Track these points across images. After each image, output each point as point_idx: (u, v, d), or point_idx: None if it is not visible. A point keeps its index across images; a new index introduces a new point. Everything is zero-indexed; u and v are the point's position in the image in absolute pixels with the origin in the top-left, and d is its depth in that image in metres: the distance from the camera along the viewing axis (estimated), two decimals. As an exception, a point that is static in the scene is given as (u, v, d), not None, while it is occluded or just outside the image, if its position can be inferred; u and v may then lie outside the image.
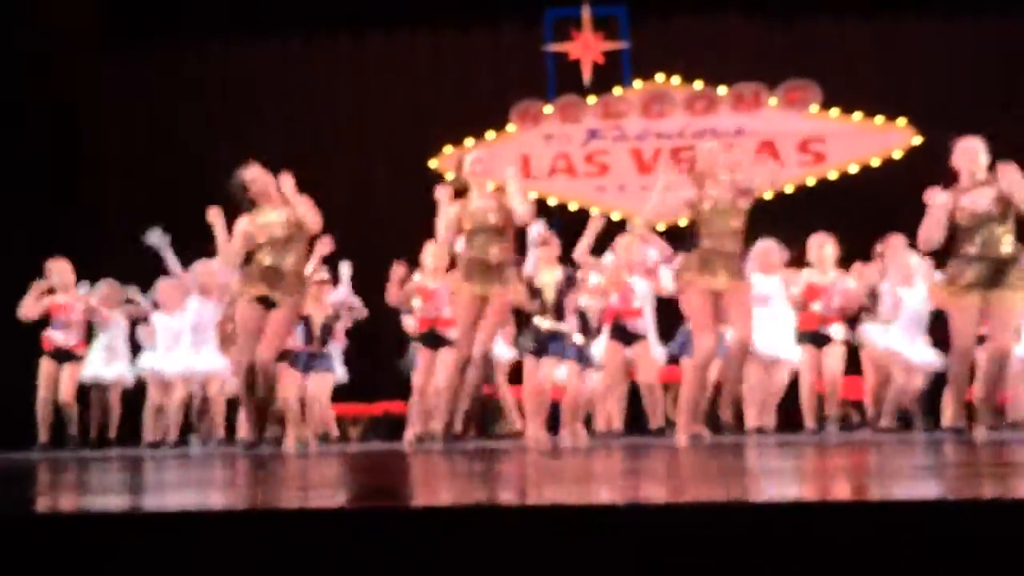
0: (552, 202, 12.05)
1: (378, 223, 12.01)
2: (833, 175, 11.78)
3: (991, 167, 6.39)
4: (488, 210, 7.10)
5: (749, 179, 6.84)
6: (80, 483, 3.10)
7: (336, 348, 9.47)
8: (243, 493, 2.49)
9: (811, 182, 11.90)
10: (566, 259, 8.39)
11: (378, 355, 10.21)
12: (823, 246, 8.60)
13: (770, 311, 8.27)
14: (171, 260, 9.12)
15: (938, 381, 8.76)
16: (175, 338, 9.28)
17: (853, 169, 11.80)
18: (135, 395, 9.84)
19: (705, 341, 6.56)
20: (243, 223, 6.79)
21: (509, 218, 7.09)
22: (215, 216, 6.85)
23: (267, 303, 6.67)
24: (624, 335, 8.47)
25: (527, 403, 8.13)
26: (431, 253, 8.73)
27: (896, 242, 8.35)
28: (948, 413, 7.65)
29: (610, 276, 8.52)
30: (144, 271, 9.69)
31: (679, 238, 10.01)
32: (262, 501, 2.14)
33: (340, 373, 9.54)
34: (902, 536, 1.64)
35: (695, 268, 6.62)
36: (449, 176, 12.15)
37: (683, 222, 9.38)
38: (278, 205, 6.77)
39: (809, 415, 8.52)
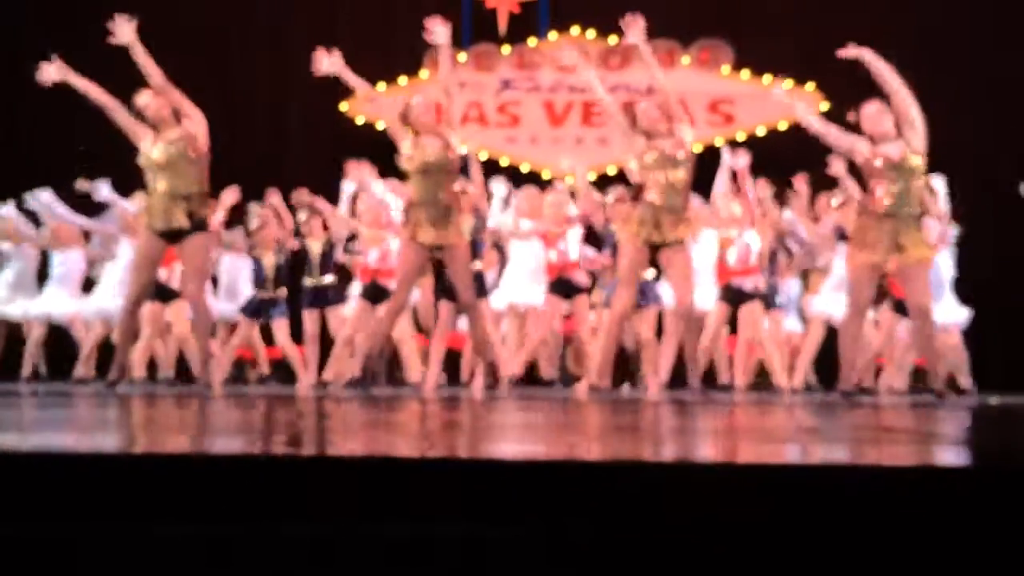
0: (462, 151, 11.99)
1: (290, 165, 11.89)
2: (741, 136, 11.91)
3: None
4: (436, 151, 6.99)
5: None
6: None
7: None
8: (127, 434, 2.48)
9: (719, 143, 12.02)
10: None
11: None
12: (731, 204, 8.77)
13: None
14: (122, 204, 8.89)
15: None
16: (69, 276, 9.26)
17: (761, 131, 11.95)
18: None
19: (625, 295, 6.70)
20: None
21: (457, 161, 7.03)
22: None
23: (172, 236, 6.56)
24: (566, 288, 8.58)
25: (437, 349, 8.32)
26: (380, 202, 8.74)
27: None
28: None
29: (546, 233, 8.64)
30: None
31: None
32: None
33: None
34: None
35: (636, 222, 6.73)
36: (359, 120, 12.08)
37: (612, 170, 9.49)
38: (174, 126, 6.64)
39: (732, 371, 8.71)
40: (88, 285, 9.61)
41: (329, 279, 9.16)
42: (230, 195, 7.96)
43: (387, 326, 7.05)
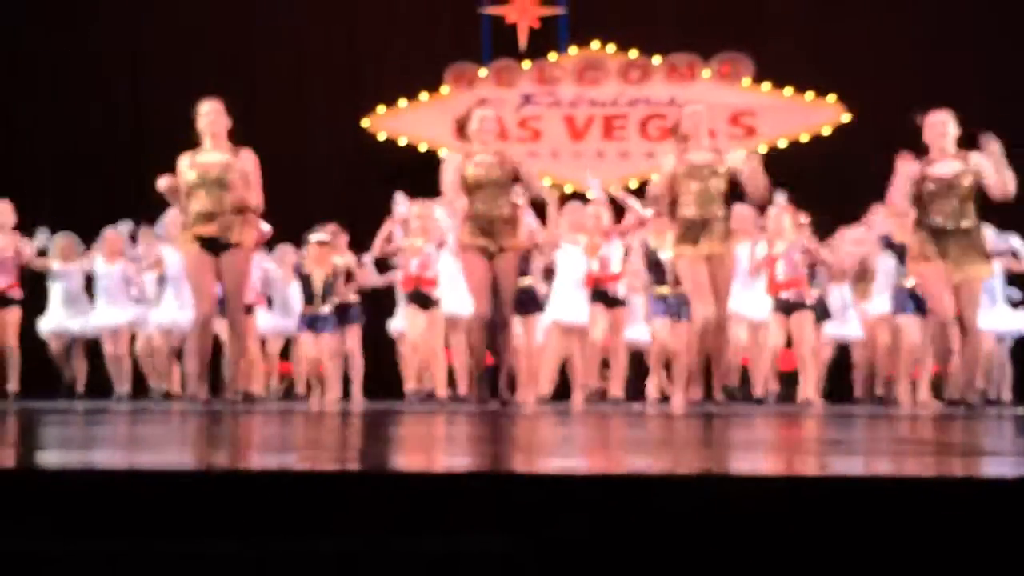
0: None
1: (312, 180, 11.97)
2: (763, 149, 11.89)
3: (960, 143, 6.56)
4: (492, 165, 6.97)
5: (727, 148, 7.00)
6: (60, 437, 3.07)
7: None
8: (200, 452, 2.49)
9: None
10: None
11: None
12: (781, 216, 8.75)
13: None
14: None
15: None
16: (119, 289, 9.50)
17: (782, 144, 11.94)
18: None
19: (701, 309, 6.72)
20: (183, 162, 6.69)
21: (513, 174, 7.01)
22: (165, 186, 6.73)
23: (214, 248, 6.62)
24: (606, 299, 8.64)
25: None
26: (417, 215, 8.83)
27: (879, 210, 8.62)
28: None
29: (587, 244, 8.69)
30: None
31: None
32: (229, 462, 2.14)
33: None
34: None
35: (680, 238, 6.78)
36: (381, 136, 12.12)
37: (633, 183, 9.55)
38: (224, 151, 6.69)
39: (762, 382, 8.69)
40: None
41: (326, 310, 9.42)
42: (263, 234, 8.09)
43: (478, 339, 7.00)
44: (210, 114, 6.70)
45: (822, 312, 8.93)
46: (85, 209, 10.77)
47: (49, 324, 9.65)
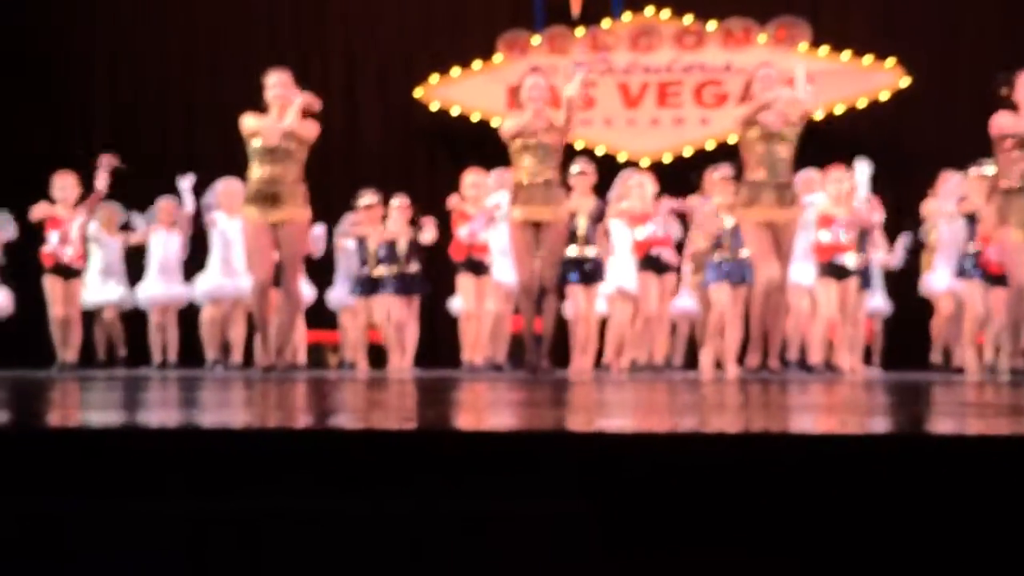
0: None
1: (364, 151, 12.01)
2: (819, 115, 11.71)
3: None
4: (540, 132, 7.01)
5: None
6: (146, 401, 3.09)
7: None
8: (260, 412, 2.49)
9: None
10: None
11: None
12: (841, 180, 8.65)
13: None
14: (189, 203, 9.38)
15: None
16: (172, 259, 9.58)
17: (839, 110, 11.76)
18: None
19: (765, 271, 6.68)
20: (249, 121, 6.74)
21: (561, 139, 7.04)
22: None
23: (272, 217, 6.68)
24: (656, 265, 8.62)
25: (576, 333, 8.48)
26: (471, 183, 8.90)
27: (950, 178, 8.49)
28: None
29: (630, 212, 8.67)
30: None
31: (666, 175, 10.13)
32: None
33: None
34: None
35: (745, 203, 6.75)
36: (434, 106, 12.11)
37: (688, 151, 9.56)
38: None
39: (819, 349, 8.59)
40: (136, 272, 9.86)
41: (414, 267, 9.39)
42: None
43: (526, 307, 7.10)
44: (277, 85, 6.76)
45: (866, 280, 8.83)
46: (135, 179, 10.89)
47: (90, 295, 9.67)
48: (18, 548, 1.65)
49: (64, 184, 9.13)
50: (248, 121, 6.73)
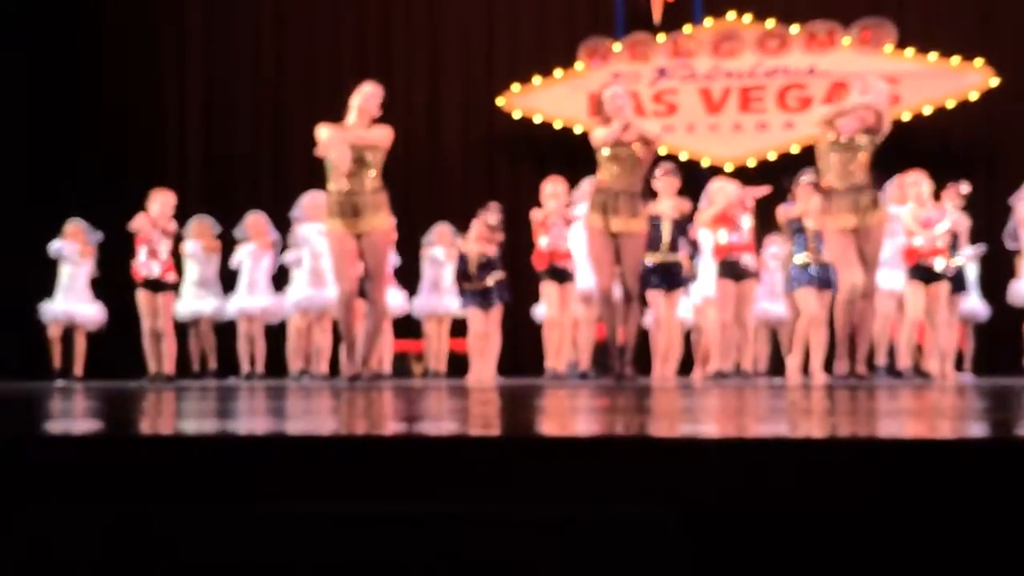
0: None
1: (447, 159, 12.10)
2: (907, 116, 11.54)
3: None
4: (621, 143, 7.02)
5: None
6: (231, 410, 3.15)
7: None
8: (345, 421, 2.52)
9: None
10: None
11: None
12: (920, 183, 8.52)
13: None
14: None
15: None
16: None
17: (928, 111, 11.57)
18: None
19: (848, 277, 6.63)
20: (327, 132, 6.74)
21: (651, 154, 7.09)
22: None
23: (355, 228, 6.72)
24: (735, 271, 8.56)
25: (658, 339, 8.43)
26: (551, 193, 8.91)
27: None
28: None
29: (719, 213, 8.62)
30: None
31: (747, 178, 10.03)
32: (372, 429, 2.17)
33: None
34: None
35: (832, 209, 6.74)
36: (516, 114, 12.15)
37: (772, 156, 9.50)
38: (365, 129, 6.78)
39: (906, 353, 8.46)
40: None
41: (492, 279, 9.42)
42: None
43: (607, 314, 7.11)
44: (367, 94, 6.80)
45: (958, 284, 8.66)
46: (228, 194, 11.10)
47: (184, 307, 9.82)
48: (117, 549, 1.69)
49: (160, 200, 9.34)
50: (321, 133, 6.76)
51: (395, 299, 9.43)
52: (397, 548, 1.64)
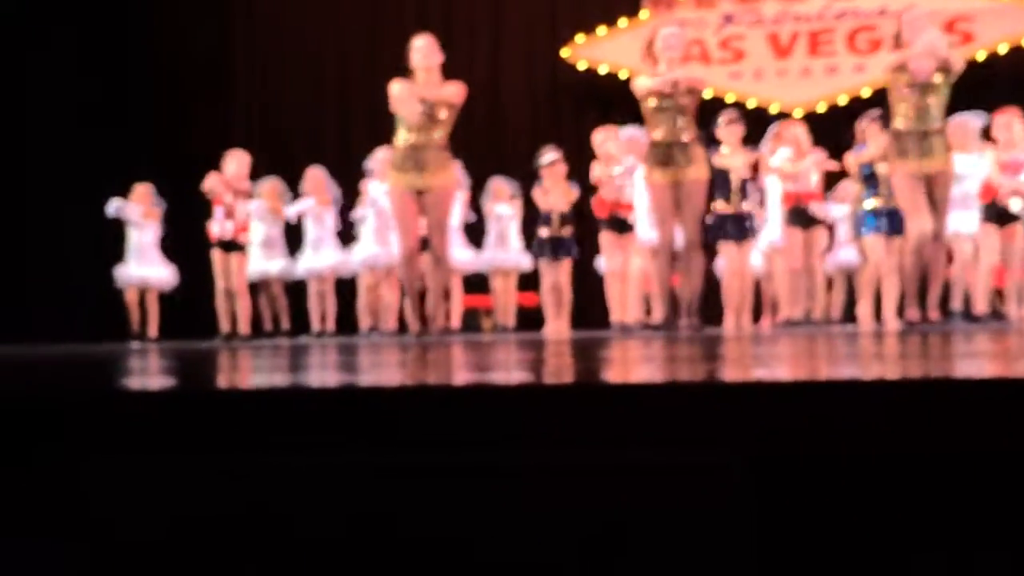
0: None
1: (512, 112, 12.05)
2: (982, 55, 11.27)
3: None
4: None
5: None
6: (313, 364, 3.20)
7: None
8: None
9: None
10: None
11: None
12: (1011, 124, 8.33)
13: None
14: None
15: None
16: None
17: (1003, 49, 11.30)
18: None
19: (917, 224, 6.52)
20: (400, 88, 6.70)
21: (696, 101, 6.96)
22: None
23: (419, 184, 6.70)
24: (804, 219, 8.47)
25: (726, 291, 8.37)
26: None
27: None
28: None
29: (781, 163, 8.54)
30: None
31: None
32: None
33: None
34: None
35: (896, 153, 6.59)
36: (581, 65, 12.06)
37: (843, 99, 9.30)
38: (435, 85, 6.73)
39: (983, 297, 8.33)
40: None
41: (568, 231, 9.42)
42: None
43: (663, 268, 7.07)
44: (423, 49, 6.75)
45: None
46: (291, 153, 11.15)
47: (252, 267, 9.86)
48: (195, 500, 1.72)
49: (236, 159, 9.48)
50: (393, 88, 6.74)
51: (462, 255, 9.46)
52: (466, 498, 1.66)
